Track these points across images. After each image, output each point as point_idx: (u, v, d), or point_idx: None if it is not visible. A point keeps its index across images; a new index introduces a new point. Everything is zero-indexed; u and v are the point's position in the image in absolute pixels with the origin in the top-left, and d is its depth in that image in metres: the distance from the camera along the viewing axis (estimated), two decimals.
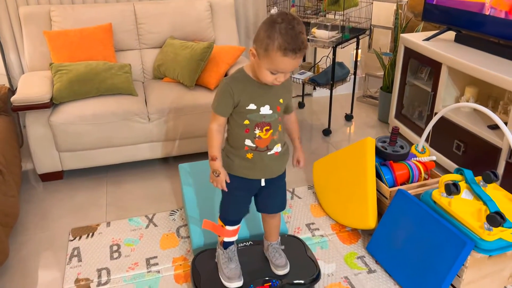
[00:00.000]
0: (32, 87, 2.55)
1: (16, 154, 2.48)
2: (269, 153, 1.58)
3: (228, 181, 1.61)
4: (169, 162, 2.91)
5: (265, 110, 1.52)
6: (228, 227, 1.73)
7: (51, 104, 2.53)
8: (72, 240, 2.19)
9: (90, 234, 2.24)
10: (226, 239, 1.76)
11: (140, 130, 2.63)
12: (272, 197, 1.72)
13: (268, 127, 1.54)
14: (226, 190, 1.62)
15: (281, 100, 1.56)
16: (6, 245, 1.98)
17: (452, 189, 1.81)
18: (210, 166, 1.59)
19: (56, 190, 2.62)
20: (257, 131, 1.53)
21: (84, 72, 2.64)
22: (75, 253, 2.11)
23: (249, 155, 1.57)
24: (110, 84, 2.67)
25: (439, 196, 1.87)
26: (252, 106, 1.51)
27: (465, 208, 1.80)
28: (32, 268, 2.03)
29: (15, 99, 2.42)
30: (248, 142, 1.55)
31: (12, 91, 2.77)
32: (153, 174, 2.77)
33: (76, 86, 2.60)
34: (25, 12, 2.88)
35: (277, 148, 1.59)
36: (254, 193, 1.70)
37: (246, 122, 1.52)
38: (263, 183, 1.65)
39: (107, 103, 2.61)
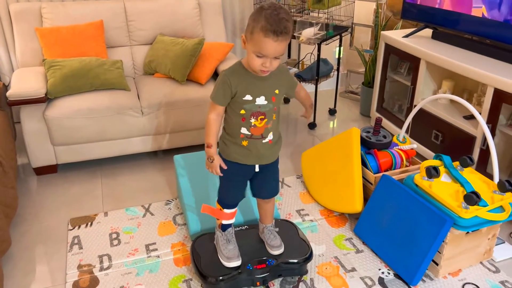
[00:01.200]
0: (26, 82, 2.60)
1: (12, 148, 2.53)
2: (263, 141, 1.70)
3: (225, 167, 1.72)
4: (160, 155, 2.99)
5: (261, 100, 1.63)
6: (226, 210, 1.84)
7: (46, 99, 2.58)
8: (71, 230, 2.26)
9: (89, 223, 2.31)
10: (224, 222, 1.87)
11: (133, 124, 2.71)
12: (266, 182, 1.84)
13: (262, 117, 1.65)
14: (221, 175, 1.74)
15: (276, 91, 1.67)
16: (8, 234, 2.04)
17: (432, 172, 1.96)
18: (206, 152, 1.71)
19: (51, 183, 2.68)
20: (252, 120, 1.64)
21: (78, 68, 2.70)
22: (76, 241, 2.18)
23: (245, 143, 1.68)
24: (104, 79, 2.74)
25: (421, 180, 2.02)
26: (248, 97, 1.62)
27: (444, 190, 1.96)
28: (34, 256, 2.10)
29: (11, 93, 2.47)
30: (243, 130, 1.67)
31: (6, 86, 2.81)
32: (145, 166, 2.85)
33: (70, 81, 2.66)
34: (15, 9, 2.92)
35: (271, 136, 1.71)
36: (249, 177, 1.82)
37: (242, 111, 1.63)
38: (257, 169, 1.77)
39: (101, 97, 2.68)
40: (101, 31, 2.99)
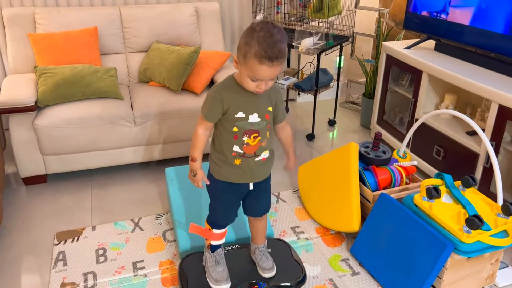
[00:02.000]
0: (16, 89, 2.53)
1: None
2: (256, 159, 1.62)
3: (207, 182, 1.67)
4: (153, 166, 2.91)
5: (254, 118, 1.55)
6: (215, 230, 1.75)
7: (36, 107, 2.51)
8: (57, 244, 2.18)
9: (76, 238, 2.23)
10: (214, 242, 1.78)
11: (125, 134, 2.64)
12: (258, 199, 1.75)
13: (256, 134, 1.57)
14: (201, 187, 1.68)
15: (269, 108, 1.59)
16: None
17: (433, 193, 1.88)
18: (190, 166, 1.65)
19: (39, 194, 2.60)
20: (245, 138, 1.56)
21: (70, 75, 2.63)
22: (60, 257, 2.10)
23: (237, 161, 1.60)
24: (96, 87, 2.66)
25: (421, 200, 1.93)
26: (240, 114, 1.54)
27: (445, 211, 1.87)
28: (17, 272, 2.01)
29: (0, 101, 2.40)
30: (236, 148, 1.58)
31: None
32: (138, 178, 2.77)
33: (61, 89, 2.58)
34: (8, 14, 2.86)
35: (265, 154, 1.63)
36: (242, 196, 1.74)
37: (235, 129, 1.55)
38: (251, 187, 1.68)
39: (93, 106, 2.60)
40: (95, 38, 2.91)
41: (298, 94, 3.93)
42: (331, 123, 3.59)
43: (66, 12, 2.93)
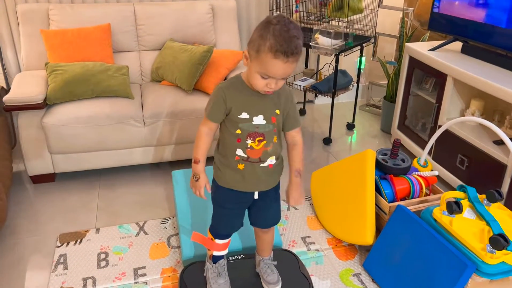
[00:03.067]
0: (26, 86, 2.49)
1: (6, 156, 2.42)
2: (261, 165, 1.51)
3: (209, 190, 1.56)
4: (164, 167, 2.84)
5: (258, 120, 1.45)
6: (218, 241, 1.66)
7: (45, 105, 2.47)
8: (59, 247, 2.12)
9: (78, 240, 2.17)
10: (216, 253, 1.69)
11: (135, 134, 2.57)
12: (265, 210, 1.64)
13: (261, 138, 1.47)
14: (205, 198, 1.57)
15: (277, 111, 1.48)
16: None
17: (454, 207, 1.73)
18: (192, 168, 1.55)
19: (47, 193, 2.56)
20: (249, 141, 1.46)
21: (80, 73, 2.58)
22: (62, 260, 2.04)
23: (240, 166, 1.50)
24: (106, 86, 2.61)
25: (440, 214, 1.79)
26: (244, 115, 1.44)
27: (467, 228, 1.72)
28: (16, 275, 1.96)
29: (7, 98, 2.36)
30: (239, 151, 1.48)
31: (6, 90, 2.72)
32: (147, 179, 2.70)
33: (71, 87, 2.53)
34: (23, 10, 2.83)
35: (271, 160, 1.52)
36: (247, 206, 1.63)
37: (238, 131, 1.46)
38: (256, 196, 1.58)
39: (102, 105, 2.54)
40: (108, 35, 2.86)
41: (316, 96, 3.80)
42: (350, 126, 3.45)
43: (80, 9, 2.88)
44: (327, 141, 3.19)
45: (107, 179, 2.69)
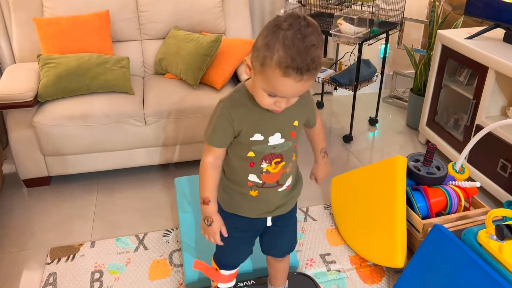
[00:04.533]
0: (15, 82, 2.27)
1: None
2: (279, 189, 1.24)
3: (225, 234, 1.27)
4: (169, 168, 2.59)
5: (275, 139, 1.17)
6: (223, 272, 1.41)
7: (35, 103, 2.23)
8: (49, 263, 1.90)
9: (71, 256, 1.94)
10: (221, 285, 1.44)
11: (135, 134, 2.32)
12: (280, 237, 1.38)
13: (278, 159, 1.19)
14: (220, 243, 1.28)
15: (295, 123, 1.20)
16: None
17: (505, 232, 1.44)
18: (202, 211, 1.25)
19: (41, 198, 2.34)
20: (264, 165, 1.18)
21: (75, 66, 2.33)
22: (51, 280, 1.82)
23: (254, 193, 1.23)
24: (103, 80, 2.35)
25: (487, 239, 1.51)
26: (258, 137, 1.15)
27: None
28: None
29: None
30: (252, 177, 1.21)
31: None
32: (149, 182, 2.46)
33: (64, 82, 2.29)
34: None
35: (289, 181, 1.25)
36: (258, 234, 1.38)
37: (251, 154, 1.17)
38: (269, 223, 1.32)
39: (98, 102, 2.30)
40: (106, 23, 2.59)
41: (335, 88, 3.49)
42: (372, 122, 3.15)
43: None
44: (348, 138, 2.90)
45: (106, 182, 2.46)
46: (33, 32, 2.58)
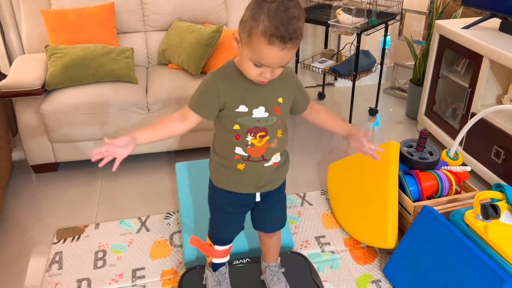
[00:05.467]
0: (24, 71, 2.35)
1: (3, 145, 2.29)
2: (265, 164, 1.31)
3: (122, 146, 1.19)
4: (171, 156, 2.67)
5: (259, 112, 1.24)
6: (218, 247, 1.48)
7: (43, 91, 2.32)
8: (55, 243, 1.99)
9: (76, 236, 2.03)
10: (216, 260, 1.51)
11: (138, 122, 2.40)
12: (269, 213, 1.45)
13: (263, 133, 1.26)
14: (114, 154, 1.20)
15: (280, 100, 1.27)
16: None
17: (490, 212, 1.50)
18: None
19: (48, 183, 2.43)
20: (249, 138, 1.26)
21: (80, 56, 2.41)
22: (57, 258, 1.91)
23: (241, 166, 1.30)
24: (108, 70, 2.43)
25: (473, 219, 1.56)
26: (242, 108, 1.23)
27: (505, 235, 1.50)
28: (10, 275, 1.85)
29: (3, 84, 2.22)
30: (238, 150, 1.28)
31: (5, 75, 2.58)
32: (152, 169, 2.54)
33: (70, 71, 2.37)
34: None
35: (276, 158, 1.32)
36: (248, 209, 1.44)
37: (236, 127, 1.25)
38: (258, 198, 1.39)
39: (103, 91, 2.38)
40: (111, 15, 2.67)
41: (335, 79, 3.54)
42: (372, 112, 3.19)
43: None
44: None
45: (110, 169, 2.53)
46: (41, 24, 2.66)
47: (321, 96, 3.46)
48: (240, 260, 1.72)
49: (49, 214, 2.20)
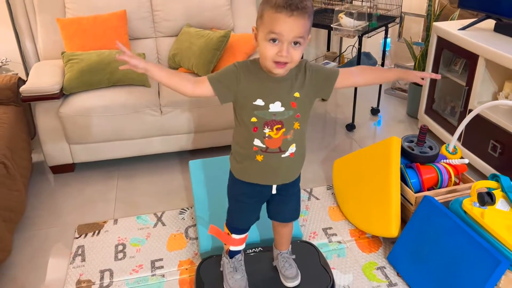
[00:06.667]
0: (42, 76, 2.48)
1: (24, 147, 2.42)
2: (282, 155, 1.42)
3: (131, 61, 1.26)
4: (184, 155, 2.79)
5: (275, 107, 1.35)
6: (235, 236, 1.60)
7: (61, 95, 2.44)
8: (77, 238, 2.11)
9: (96, 231, 2.15)
10: (232, 248, 1.63)
11: (152, 123, 2.52)
12: (285, 204, 1.56)
13: (279, 126, 1.36)
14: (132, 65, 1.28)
15: (296, 94, 1.36)
16: (9, 242, 1.92)
17: (486, 199, 1.62)
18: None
19: (66, 184, 2.55)
20: (266, 130, 1.37)
21: (96, 62, 2.54)
22: (79, 251, 2.03)
23: (259, 157, 1.41)
24: (122, 74, 2.56)
25: (471, 206, 1.68)
26: (259, 102, 1.34)
27: (500, 220, 1.61)
28: (35, 267, 1.96)
29: (24, 89, 2.35)
30: (257, 142, 1.39)
31: (24, 80, 2.71)
32: (166, 168, 2.66)
33: (86, 76, 2.50)
34: None
35: (292, 148, 1.42)
36: (264, 201, 1.56)
37: (254, 119, 1.36)
38: (274, 191, 1.50)
39: (118, 94, 2.51)
40: (124, 22, 2.80)
41: None
42: (374, 111, 3.31)
43: None
44: (350, 127, 3.07)
45: (126, 169, 2.66)
46: (56, 32, 2.79)
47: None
48: (253, 249, 1.84)
49: (69, 211, 2.32)
